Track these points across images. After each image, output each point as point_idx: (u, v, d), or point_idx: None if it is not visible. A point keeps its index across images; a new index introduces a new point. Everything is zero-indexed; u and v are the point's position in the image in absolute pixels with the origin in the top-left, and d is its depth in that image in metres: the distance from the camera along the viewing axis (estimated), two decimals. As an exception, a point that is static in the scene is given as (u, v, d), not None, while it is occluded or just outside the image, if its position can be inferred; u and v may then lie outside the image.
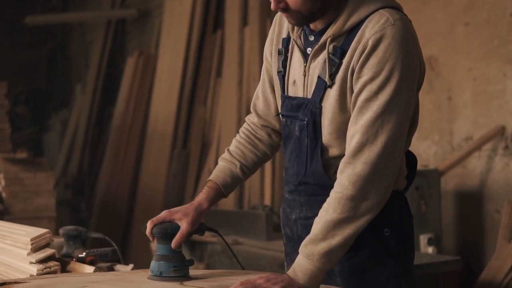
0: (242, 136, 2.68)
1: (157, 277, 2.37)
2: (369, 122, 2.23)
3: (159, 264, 2.38)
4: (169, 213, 2.42)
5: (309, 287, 2.23)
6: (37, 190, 6.14)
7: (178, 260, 2.41)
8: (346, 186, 2.23)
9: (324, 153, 2.38)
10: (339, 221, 2.22)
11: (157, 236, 2.40)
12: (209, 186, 2.56)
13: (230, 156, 2.63)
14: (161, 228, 2.40)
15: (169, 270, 2.38)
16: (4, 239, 3.01)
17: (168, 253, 2.40)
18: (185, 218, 2.41)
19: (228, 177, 2.59)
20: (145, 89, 8.42)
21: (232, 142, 2.69)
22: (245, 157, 2.64)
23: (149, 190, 7.83)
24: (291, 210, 2.52)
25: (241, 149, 2.64)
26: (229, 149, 2.65)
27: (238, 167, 2.61)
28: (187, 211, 2.43)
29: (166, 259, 2.39)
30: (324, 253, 2.22)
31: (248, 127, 2.69)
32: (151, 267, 2.40)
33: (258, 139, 2.67)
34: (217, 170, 2.61)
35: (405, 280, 2.44)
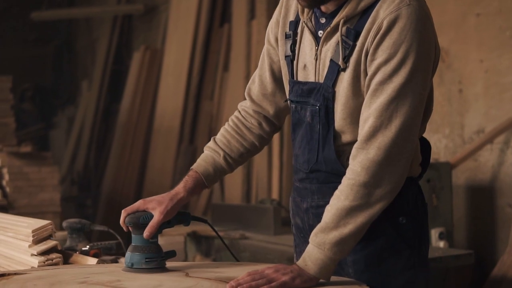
0: (230, 125, 2.58)
1: (129, 268, 2.31)
2: (383, 105, 2.15)
3: (131, 255, 2.33)
4: (143, 202, 2.37)
5: (320, 278, 2.15)
6: (42, 185, 6.06)
7: (151, 251, 2.36)
8: (359, 172, 2.15)
9: (336, 139, 2.30)
10: (351, 208, 2.14)
11: (130, 226, 2.35)
12: (190, 175, 2.48)
13: (215, 145, 2.53)
14: (133, 218, 2.34)
15: (141, 261, 2.33)
16: (5, 232, 2.96)
17: (141, 244, 2.35)
18: (159, 207, 2.34)
19: (210, 166, 2.49)
20: (152, 84, 8.37)
21: (220, 130, 2.60)
22: (230, 146, 2.53)
23: (156, 186, 7.78)
24: (301, 199, 2.44)
25: (227, 138, 2.54)
26: (214, 137, 2.56)
27: (221, 156, 2.51)
28: (162, 200, 2.37)
29: (138, 250, 2.34)
30: (335, 242, 2.13)
31: (239, 115, 2.59)
32: (125, 257, 2.35)
33: (247, 128, 2.56)
34: (200, 159, 2.53)
35: (421, 271, 2.36)
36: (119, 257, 2.96)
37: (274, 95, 2.51)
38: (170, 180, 7.63)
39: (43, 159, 6.24)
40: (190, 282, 2.16)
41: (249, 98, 2.58)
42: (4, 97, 6.69)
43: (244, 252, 4.65)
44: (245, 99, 2.59)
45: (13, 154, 6.05)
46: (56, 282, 2.15)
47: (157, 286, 2.10)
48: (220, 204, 6.23)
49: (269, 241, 4.73)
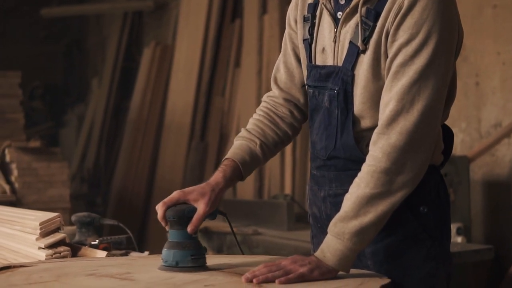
0: (261, 114, 2.45)
1: (172, 267, 2.11)
2: (404, 88, 2.06)
3: (175, 252, 2.12)
4: (182, 193, 2.18)
5: (339, 269, 2.05)
6: (51, 181, 5.98)
7: (195, 248, 2.16)
8: (380, 158, 2.05)
9: (355, 124, 2.20)
10: (372, 196, 2.04)
11: (171, 220, 2.14)
12: (226, 164, 2.31)
13: (249, 134, 2.39)
14: (176, 211, 2.14)
15: (186, 259, 2.13)
16: (13, 225, 2.88)
17: (184, 240, 2.14)
18: (202, 199, 2.17)
19: (247, 155, 2.34)
20: (162, 80, 8.31)
21: (249, 121, 2.47)
22: (265, 135, 2.40)
23: (166, 183, 7.71)
24: (319, 188, 2.34)
25: (260, 127, 2.41)
26: (246, 127, 2.43)
27: (258, 145, 2.37)
28: (203, 190, 2.19)
29: (182, 247, 2.13)
30: (355, 232, 2.04)
31: (267, 105, 2.47)
32: (163, 255, 2.14)
33: (279, 117, 2.44)
34: (234, 148, 2.37)
35: (442, 262, 2.26)
36: (129, 251, 2.88)
37: (302, 81, 2.41)
38: (181, 176, 7.57)
39: (52, 155, 6.17)
40: (204, 275, 2.08)
41: (277, 87, 2.47)
42: (13, 93, 6.62)
43: (257, 248, 4.57)
44: (263, 93, 2.49)
45: (21, 149, 5.97)
46: (63, 274, 2.06)
47: (170, 278, 2.01)
48: (232, 200, 6.16)
49: (283, 237, 4.65)
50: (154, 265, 2.24)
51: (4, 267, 2.19)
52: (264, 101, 2.49)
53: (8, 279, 1.99)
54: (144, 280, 1.97)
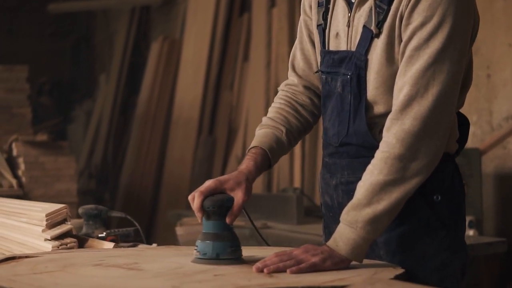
0: (282, 102, 2.39)
1: (212, 260, 2.03)
2: (419, 72, 2.01)
3: (214, 244, 2.04)
4: (218, 182, 2.09)
5: (352, 259, 2.00)
6: (58, 175, 5.93)
7: (233, 239, 2.08)
8: (394, 144, 2.00)
9: (368, 110, 2.15)
10: (385, 183, 1.99)
11: (210, 211, 2.05)
12: (255, 152, 2.24)
13: (273, 122, 2.33)
14: (215, 201, 2.05)
15: (226, 251, 2.05)
16: (19, 217, 2.84)
17: (222, 231, 2.07)
18: (238, 188, 2.10)
19: (274, 143, 2.28)
20: (170, 75, 8.26)
21: (269, 110, 2.41)
22: (289, 123, 2.35)
23: (174, 178, 7.67)
24: (331, 175, 2.28)
25: (283, 114, 2.35)
26: (269, 116, 2.36)
27: (284, 132, 2.32)
28: (238, 179, 2.12)
29: (221, 238, 2.06)
30: (368, 220, 1.98)
31: (287, 93, 2.41)
32: (200, 248, 2.05)
33: (300, 104, 2.39)
34: (260, 136, 2.30)
35: (457, 252, 2.21)
36: (137, 244, 2.83)
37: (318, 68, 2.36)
38: (189, 171, 7.52)
39: (59, 149, 6.12)
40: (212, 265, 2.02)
41: (295, 74, 2.42)
42: (20, 87, 6.57)
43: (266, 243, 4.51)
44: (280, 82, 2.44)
45: (28, 143, 5.92)
46: (69, 264, 2.02)
47: (178, 268, 1.96)
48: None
49: (292, 230, 4.60)
50: (163, 256, 2.20)
51: (8, 258, 2.14)
52: (282, 90, 2.44)
53: (13, 269, 1.95)
54: (152, 270, 1.92)
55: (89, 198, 8.71)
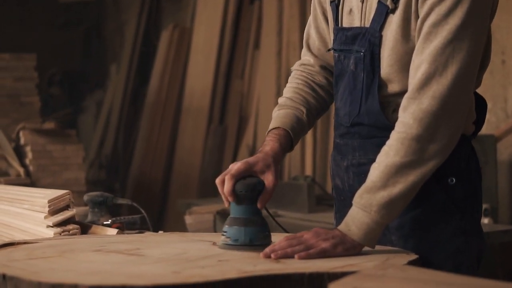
0: (300, 82, 2.31)
1: (244, 246, 1.94)
2: (437, 49, 1.92)
3: (247, 229, 1.95)
4: (248, 165, 2.00)
5: (364, 244, 1.91)
6: (66, 163, 5.85)
7: (264, 224, 2.00)
8: (411, 124, 1.91)
9: (382, 89, 2.06)
10: (402, 165, 1.90)
11: (242, 195, 1.96)
12: (278, 133, 2.16)
13: (293, 102, 2.25)
14: (247, 185, 1.96)
15: (259, 236, 1.97)
16: (22, 204, 2.77)
17: (253, 216, 1.98)
18: (268, 171, 2.01)
19: (295, 124, 2.20)
20: (180, 63, 8.18)
21: (284, 90, 2.33)
22: (308, 103, 2.27)
23: (185, 167, 7.60)
24: (342, 157, 2.19)
25: (302, 94, 2.27)
26: (287, 96, 2.28)
27: (304, 113, 2.23)
28: (267, 162, 2.03)
29: (253, 223, 1.97)
30: (383, 204, 1.89)
31: (303, 73, 2.33)
32: (230, 233, 1.97)
33: (317, 84, 2.31)
34: (281, 117, 2.21)
35: (473, 237, 2.11)
36: (143, 231, 2.76)
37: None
38: (199, 161, 7.45)
39: (67, 137, 6.04)
40: (218, 250, 1.95)
41: (311, 54, 2.34)
42: (29, 76, 6.50)
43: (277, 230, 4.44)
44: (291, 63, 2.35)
45: (36, 131, 5.85)
46: (68, 250, 1.94)
47: (182, 254, 1.88)
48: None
49: (304, 219, 4.51)
50: (166, 242, 2.12)
51: (7, 244, 2.07)
52: (297, 70, 2.36)
53: (10, 255, 1.87)
54: (153, 256, 1.85)
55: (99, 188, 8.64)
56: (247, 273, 1.61)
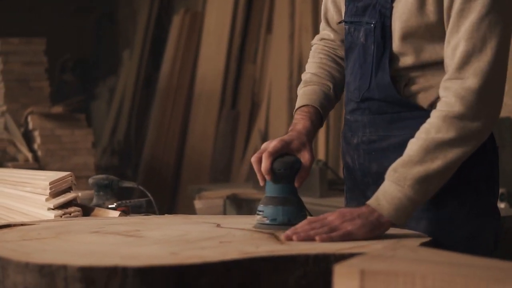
0: (323, 57, 2.23)
1: (283, 225, 1.85)
2: (473, 25, 1.83)
3: (285, 209, 1.89)
4: (284, 142, 1.92)
5: (393, 221, 1.82)
6: (75, 148, 5.78)
7: (301, 204, 1.93)
8: (453, 103, 1.83)
9: (393, 62, 1.97)
10: (443, 141, 1.81)
11: (281, 173, 1.88)
12: (308, 111, 2.08)
13: (319, 78, 2.17)
14: (286, 163, 1.89)
15: (297, 216, 1.90)
16: (24, 186, 2.70)
17: (290, 195, 1.91)
18: (304, 149, 1.94)
19: (324, 100, 2.13)
20: (192, 48, 8.10)
21: (307, 66, 2.24)
22: (334, 78, 2.19)
23: (197, 153, 7.53)
24: (352, 134, 2.11)
25: (327, 69, 2.20)
26: (311, 72, 2.20)
27: (331, 88, 2.16)
28: (301, 140, 1.96)
29: (290, 203, 1.90)
30: (418, 179, 1.80)
31: (324, 47, 2.25)
32: (267, 213, 1.89)
33: (340, 57, 2.23)
34: (308, 94, 2.13)
35: (488, 220, 2.02)
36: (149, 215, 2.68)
37: None
38: (211, 146, 7.38)
39: (76, 122, 5.97)
40: (221, 232, 1.86)
41: (331, 29, 2.26)
42: (38, 60, 6.42)
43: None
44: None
45: (44, 116, 5.78)
46: (65, 231, 1.86)
47: (183, 235, 1.79)
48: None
49: (315, 203, 4.41)
50: (169, 224, 2.04)
51: (3, 226, 1.99)
52: (318, 44, 2.28)
53: (3, 236, 1.79)
54: (153, 237, 1.76)
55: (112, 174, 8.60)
56: (249, 254, 1.52)
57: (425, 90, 1.98)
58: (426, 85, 1.98)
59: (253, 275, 1.48)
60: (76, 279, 1.37)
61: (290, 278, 1.53)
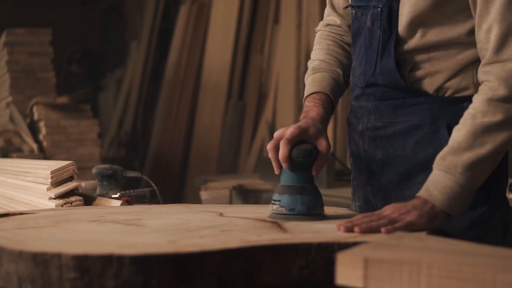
0: (330, 43, 2.17)
1: (302, 215, 1.81)
2: (504, 6, 1.78)
3: (303, 198, 1.83)
4: (301, 129, 1.85)
5: (447, 210, 1.77)
6: (81, 139, 5.72)
7: (318, 193, 1.87)
8: (496, 86, 1.78)
9: (399, 46, 1.92)
10: (490, 125, 1.77)
11: (300, 161, 1.82)
12: (320, 98, 2.02)
13: (328, 65, 2.11)
14: (304, 151, 1.82)
15: (316, 205, 1.84)
16: (26, 176, 2.67)
17: (308, 184, 1.85)
18: (321, 136, 1.87)
19: (335, 87, 2.06)
20: (199, 39, 8.05)
21: (314, 52, 2.19)
22: (343, 64, 2.13)
23: (203, 144, 7.49)
24: (357, 120, 2.06)
25: (335, 56, 2.14)
26: (319, 58, 2.14)
27: (341, 75, 2.10)
28: (317, 127, 1.89)
29: (308, 192, 1.84)
30: (470, 165, 1.75)
31: (330, 34, 2.19)
32: (284, 202, 1.83)
33: (347, 44, 2.17)
34: (318, 81, 2.07)
35: (496, 209, 1.97)
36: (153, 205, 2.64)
37: None
38: (218, 137, 7.34)
39: (81, 112, 5.92)
40: (223, 221, 1.82)
41: (337, 14, 2.21)
42: (44, 51, 6.35)
43: (295, 206, 4.31)
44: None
45: (50, 106, 5.73)
46: (64, 220, 1.82)
47: (183, 224, 1.75)
48: (267, 155, 5.86)
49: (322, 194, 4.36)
50: (170, 213, 1.99)
51: (1, 215, 1.95)
52: (323, 30, 2.22)
53: (0, 225, 1.75)
54: (152, 226, 1.72)
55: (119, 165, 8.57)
56: (249, 243, 1.48)
57: (430, 76, 1.94)
58: (431, 70, 1.93)
59: (253, 264, 1.44)
60: (71, 267, 1.32)
61: (292, 267, 1.49)
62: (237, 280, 1.42)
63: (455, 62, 1.92)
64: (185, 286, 1.36)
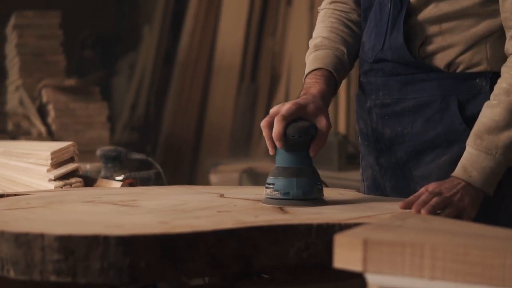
0: (334, 21, 2.05)
1: (298, 200, 1.65)
2: None
3: (299, 181, 1.67)
4: (299, 106, 1.70)
5: (484, 190, 1.71)
6: (90, 122, 5.66)
7: (316, 175, 1.71)
8: None
9: (410, 19, 1.84)
10: None
11: (295, 140, 1.66)
12: (322, 74, 1.90)
13: (331, 42, 1.99)
14: (300, 128, 1.67)
15: (314, 189, 1.68)
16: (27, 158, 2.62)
17: (305, 165, 1.69)
18: (320, 114, 1.72)
19: (338, 65, 1.94)
20: (211, 22, 7.99)
21: (316, 31, 2.07)
22: (347, 42, 2.02)
23: (215, 127, 7.43)
24: (365, 97, 1.97)
25: (339, 34, 2.02)
26: (323, 35, 2.02)
27: (345, 53, 1.98)
28: (317, 104, 1.74)
29: (305, 174, 1.68)
30: (510, 144, 1.69)
31: (335, 11, 2.08)
32: (278, 186, 1.67)
33: (353, 23, 2.07)
34: (321, 58, 1.95)
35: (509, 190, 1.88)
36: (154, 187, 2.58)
37: None
38: (230, 120, 7.28)
39: (90, 95, 5.85)
40: (222, 202, 1.74)
41: None
42: (53, 34, 6.30)
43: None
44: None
45: (58, 89, 5.67)
46: (57, 201, 1.75)
47: (180, 205, 1.68)
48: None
49: (333, 177, 4.29)
50: (169, 194, 1.92)
51: (-5, 196, 1.89)
52: (327, 8, 2.11)
53: (-11, 206, 1.69)
54: (147, 207, 1.65)
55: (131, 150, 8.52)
56: (245, 223, 1.40)
57: (442, 50, 1.85)
58: (443, 44, 1.85)
59: (249, 246, 1.36)
60: (54, 249, 1.25)
61: (291, 250, 1.41)
62: (232, 263, 1.35)
63: (468, 36, 1.84)
64: (175, 268, 1.28)
